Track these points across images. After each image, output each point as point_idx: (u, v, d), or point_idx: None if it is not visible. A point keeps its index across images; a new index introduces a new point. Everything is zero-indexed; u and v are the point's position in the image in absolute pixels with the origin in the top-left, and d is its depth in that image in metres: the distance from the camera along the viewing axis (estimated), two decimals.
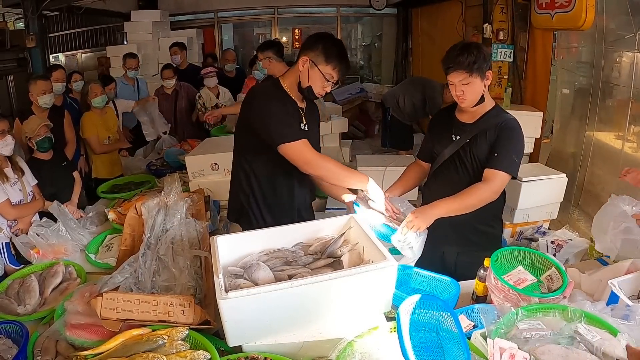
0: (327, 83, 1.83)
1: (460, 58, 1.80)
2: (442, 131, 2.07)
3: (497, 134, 1.90)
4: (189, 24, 7.40)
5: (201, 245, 1.94)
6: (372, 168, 3.49)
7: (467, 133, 1.96)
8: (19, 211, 2.36)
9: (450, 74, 1.85)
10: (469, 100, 1.88)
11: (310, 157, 1.78)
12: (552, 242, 2.78)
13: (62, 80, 3.77)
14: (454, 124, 2.02)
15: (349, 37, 8.71)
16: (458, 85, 1.85)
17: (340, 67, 1.81)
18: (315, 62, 1.79)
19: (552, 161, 3.82)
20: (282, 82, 1.91)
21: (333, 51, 1.79)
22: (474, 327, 1.49)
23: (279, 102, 1.83)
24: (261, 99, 1.85)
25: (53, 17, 6.27)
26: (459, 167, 2.00)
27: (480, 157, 1.94)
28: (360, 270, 1.38)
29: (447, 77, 1.88)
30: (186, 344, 1.34)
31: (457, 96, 1.89)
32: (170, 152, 3.78)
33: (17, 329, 1.52)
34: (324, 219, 1.78)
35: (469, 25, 5.17)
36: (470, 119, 1.98)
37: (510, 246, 2.06)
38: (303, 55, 1.82)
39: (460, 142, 1.98)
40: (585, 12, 2.93)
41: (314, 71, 1.81)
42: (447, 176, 2.03)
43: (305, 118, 1.93)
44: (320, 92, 1.87)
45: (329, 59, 1.79)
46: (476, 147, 1.94)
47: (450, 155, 2.01)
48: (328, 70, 1.80)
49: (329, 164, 1.80)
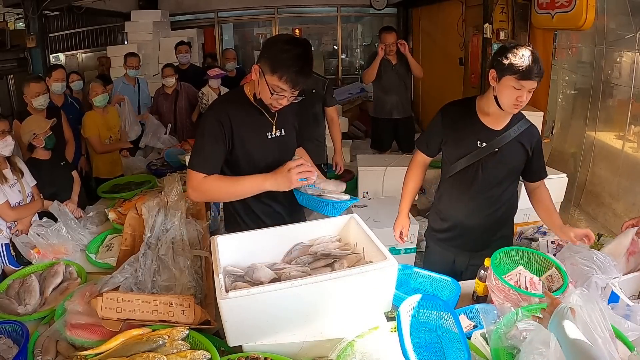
0: (277, 96, 1.57)
1: (535, 67, 1.68)
2: (463, 135, 1.91)
3: (534, 146, 1.90)
4: (189, 24, 7.41)
5: (201, 245, 1.94)
6: (372, 168, 3.49)
7: (497, 141, 1.86)
8: (18, 213, 2.36)
9: (527, 81, 1.70)
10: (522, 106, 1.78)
11: (196, 183, 1.63)
12: (552, 242, 2.77)
13: (62, 80, 3.77)
14: (481, 129, 1.89)
15: (349, 37, 8.70)
16: (526, 92, 1.72)
17: (288, 77, 1.52)
18: (263, 71, 1.56)
19: (553, 161, 3.82)
20: (245, 89, 1.73)
21: (279, 59, 1.52)
22: (474, 327, 1.49)
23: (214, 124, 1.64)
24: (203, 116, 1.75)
25: (53, 17, 6.27)
26: (481, 172, 1.91)
27: (511, 164, 1.91)
28: (361, 270, 1.38)
29: (520, 83, 1.70)
30: (186, 344, 1.34)
31: (518, 102, 1.74)
32: (171, 152, 3.79)
33: (17, 328, 1.52)
34: (323, 219, 1.78)
35: (469, 25, 5.18)
36: (497, 124, 1.88)
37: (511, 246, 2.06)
38: (257, 63, 1.61)
39: (487, 149, 1.87)
40: (585, 12, 2.93)
41: (262, 82, 1.57)
42: (467, 182, 1.94)
43: (277, 125, 1.75)
44: (274, 105, 1.62)
45: (275, 69, 1.52)
46: (508, 155, 1.88)
47: (474, 162, 1.90)
48: (274, 82, 1.54)
49: (214, 182, 1.63)
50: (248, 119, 1.69)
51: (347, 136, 5.28)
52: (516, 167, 1.93)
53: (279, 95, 1.58)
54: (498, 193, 1.94)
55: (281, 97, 1.58)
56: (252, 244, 1.62)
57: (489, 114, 1.87)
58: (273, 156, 1.75)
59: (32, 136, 2.68)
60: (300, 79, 1.55)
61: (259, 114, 1.71)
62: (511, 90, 1.73)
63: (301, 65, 1.53)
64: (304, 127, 3.32)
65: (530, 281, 1.58)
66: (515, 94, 1.73)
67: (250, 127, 1.70)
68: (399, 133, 4.49)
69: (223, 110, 1.67)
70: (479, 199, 1.92)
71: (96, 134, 3.62)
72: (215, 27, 7.78)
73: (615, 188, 3.18)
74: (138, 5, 6.90)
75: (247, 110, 1.70)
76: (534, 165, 1.95)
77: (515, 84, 1.71)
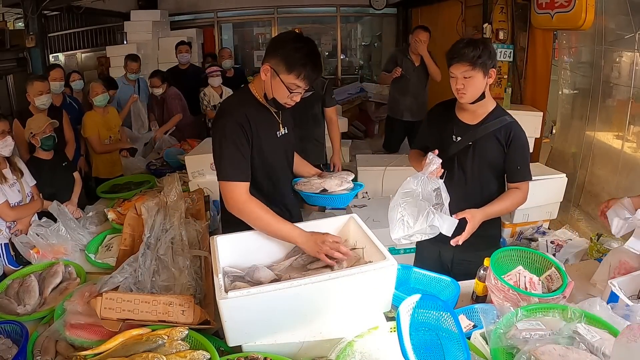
0: (293, 93, 1.62)
1: (466, 50, 1.76)
2: (441, 130, 2.00)
3: (511, 143, 1.88)
4: (189, 24, 7.40)
5: (201, 245, 1.94)
6: (372, 168, 3.49)
7: (471, 135, 1.92)
8: (18, 212, 2.35)
9: (453, 65, 1.80)
10: (468, 95, 1.83)
11: (242, 200, 1.61)
12: (552, 242, 2.78)
13: (60, 80, 3.76)
14: (455, 124, 1.96)
15: (349, 37, 8.71)
16: (460, 78, 1.80)
17: (305, 74, 1.57)
18: (276, 71, 1.58)
19: (552, 161, 3.82)
20: (252, 89, 1.74)
21: (295, 58, 1.55)
22: (473, 327, 1.49)
23: (236, 129, 1.63)
24: (219, 122, 1.68)
25: (53, 17, 6.27)
26: (457, 168, 1.96)
27: (487, 159, 1.92)
28: (360, 270, 1.38)
29: (450, 69, 1.82)
30: (186, 344, 1.34)
31: (457, 90, 1.82)
32: (170, 152, 3.78)
33: (16, 328, 1.52)
34: (323, 218, 1.78)
35: (468, 25, 5.18)
36: (473, 119, 1.93)
37: (510, 246, 2.06)
38: (265, 63, 1.62)
39: (461, 143, 1.93)
40: (585, 12, 2.94)
41: (276, 81, 1.60)
42: (446, 176, 1.94)
43: (282, 123, 1.79)
44: (288, 103, 1.66)
45: (291, 67, 1.56)
46: (483, 149, 1.91)
47: (450, 156, 1.96)
48: (291, 80, 1.57)
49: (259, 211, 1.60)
50: (262, 119, 1.72)
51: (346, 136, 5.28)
52: (493, 162, 1.93)
53: (295, 93, 1.62)
54: (477, 187, 1.95)
55: (297, 94, 1.63)
56: (251, 244, 1.62)
57: (466, 110, 1.93)
58: (281, 154, 1.81)
59: (29, 135, 2.68)
60: (315, 75, 1.61)
61: (268, 113, 1.75)
62: (453, 79, 1.84)
63: (315, 61, 1.59)
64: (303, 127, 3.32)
65: (529, 281, 1.58)
66: (454, 82, 1.83)
67: (265, 127, 1.73)
68: (411, 136, 4.44)
69: (241, 113, 1.65)
70: (459, 192, 1.90)
71: (96, 134, 3.62)
72: (214, 27, 7.78)
73: (614, 188, 3.18)
74: (137, 5, 6.90)
75: (259, 110, 1.72)
76: (510, 164, 1.92)
77: (450, 72, 1.82)
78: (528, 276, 1.59)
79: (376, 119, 6.48)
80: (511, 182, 1.95)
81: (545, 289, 1.56)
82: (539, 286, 1.57)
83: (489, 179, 1.96)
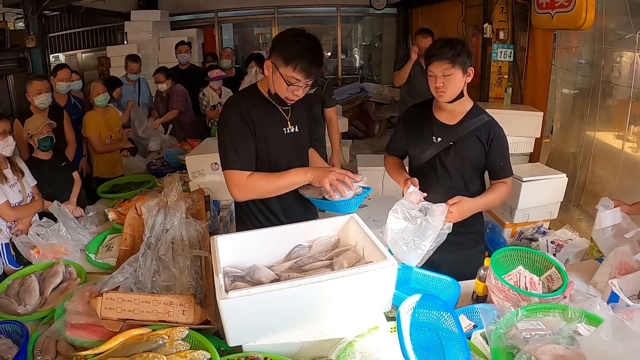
0: (293, 87, 1.62)
1: (444, 49, 1.78)
2: (420, 132, 1.99)
3: (492, 142, 1.89)
4: (189, 24, 7.41)
5: (201, 245, 1.94)
6: (372, 168, 3.48)
7: (451, 135, 1.91)
8: (19, 212, 2.36)
9: (433, 63, 1.81)
10: (448, 93, 1.83)
11: (241, 182, 1.65)
12: (552, 242, 2.78)
13: (67, 80, 3.77)
14: (434, 124, 1.95)
15: (349, 37, 8.71)
16: (439, 76, 1.80)
17: (302, 66, 1.57)
18: (276, 65, 1.61)
19: (552, 161, 3.82)
20: (259, 85, 1.77)
21: (291, 50, 1.57)
22: (474, 327, 1.49)
23: (237, 121, 1.67)
24: (223, 115, 1.72)
25: (53, 17, 6.27)
26: (439, 168, 1.95)
27: (469, 158, 1.93)
28: (360, 270, 1.37)
29: (429, 68, 1.83)
30: (186, 344, 1.34)
31: (437, 88, 1.83)
32: (170, 152, 3.78)
33: (17, 328, 1.52)
34: (323, 219, 1.78)
35: (469, 25, 5.18)
36: (452, 119, 1.93)
37: (510, 246, 2.06)
38: (268, 59, 1.66)
39: (442, 144, 1.92)
40: (585, 12, 2.94)
41: (276, 76, 1.62)
42: (428, 178, 1.97)
43: (291, 121, 1.79)
44: (290, 97, 1.67)
45: (288, 60, 1.58)
46: (464, 149, 1.91)
47: (431, 157, 1.96)
48: (289, 73, 1.59)
49: (261, 178, 1.66)
50: (265, 113, 1.73)
51: (346, 136, 5.29)
52: (475, 161, 1.94)
53: (295, 86, 1.62)
54: (461, 187, 1.95)
55: (297, 87, 1.63)
56: (251, 243, 1.62)
57: (444, 109, 1.94)
58: (289, 151, 1.80)
59: (27, 135, 2.69)
60: (313, 67, 1.60)
61: (274, 109, 1.75)
62: (432, 78, 1.84)
63: (313, 54, 1.59)
64: None
65: (530, 281, 1.58)
66: (432, 81, 1.84)
67: (269, 121, 1.73)
68: None
69: (242, 106, 1.69)
70: (442, 192, 1.90)
71: (96, 133, 3.62)
72: (215, 27, 7.79)
73: (615, 188, 3.18)
74: (138, 5, 6.91)
75: (262, 105, 1.73)
76: (491, 163, 1.94)
77: (429, 71, 1.84)
78: (528, 276, 1.59)
79: (376, 119, 6.49)
80: (495, 179, 1.97)
81: (545, 289, 1.56)
82: (539, 286, 1.57)
83: (471, 175, 1.97)
